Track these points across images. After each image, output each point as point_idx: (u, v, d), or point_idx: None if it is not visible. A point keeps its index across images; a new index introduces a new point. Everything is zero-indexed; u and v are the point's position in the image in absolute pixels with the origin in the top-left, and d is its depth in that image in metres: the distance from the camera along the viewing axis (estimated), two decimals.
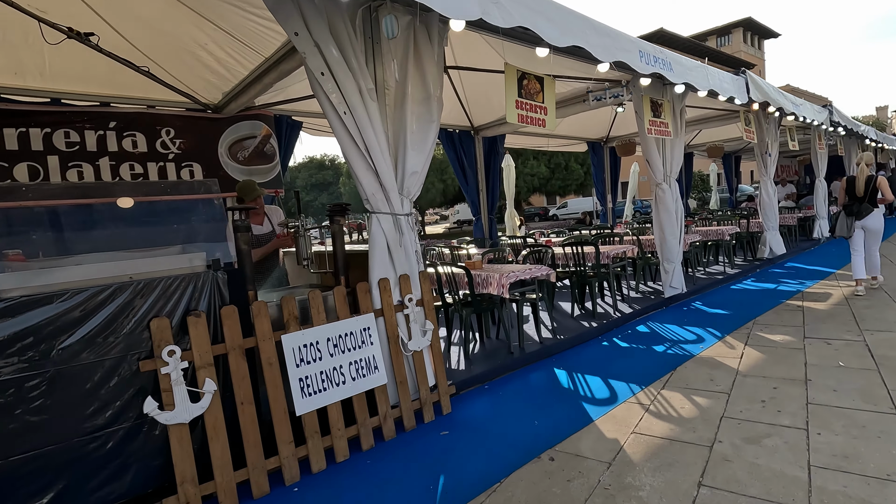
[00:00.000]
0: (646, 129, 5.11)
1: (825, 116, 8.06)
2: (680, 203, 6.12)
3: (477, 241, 8.51)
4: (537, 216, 39.48)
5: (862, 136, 11.66)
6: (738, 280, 7.59)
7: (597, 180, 11.22)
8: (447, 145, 8.13)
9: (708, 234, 7.91)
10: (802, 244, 10.72)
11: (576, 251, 5.45)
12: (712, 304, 6.04)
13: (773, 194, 8.75)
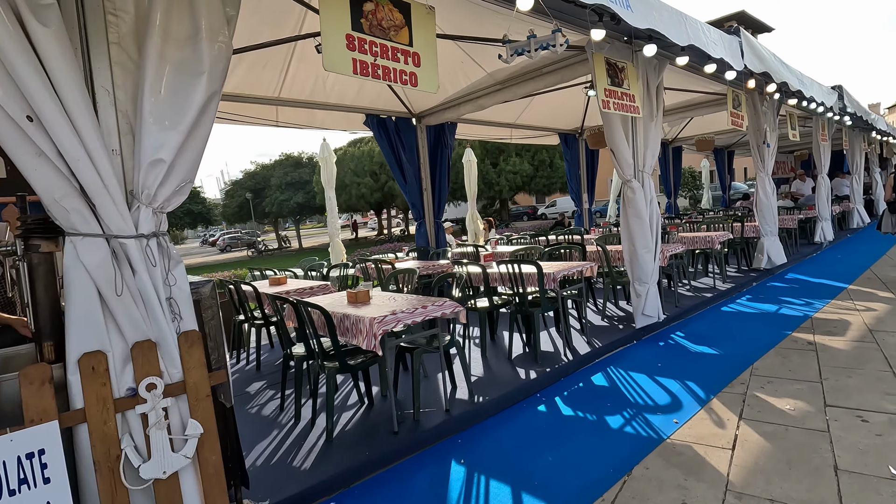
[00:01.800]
0: (600, 102, 3.70)
1: (834, 100, 6.74)
2: (655, 206, 4.74)
3: (420, 251, 7.11)
4: (525, 215, 38.16)
5: (871, 126, 10.32)
6: (730, 298, 6.22)
7: (570, 177, 9.84)
8: (380, 135, 6.71)
9: (695, 241, 6.53)
10: (804, 249, 9.38)
11: (513, 272, 4.05)
12: (697, 338, 4.66)
13: (770, 194, 7.39)
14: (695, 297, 6.11)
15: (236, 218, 33.69)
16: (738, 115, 5.35)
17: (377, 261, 5.76)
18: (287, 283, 4.97)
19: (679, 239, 6.65)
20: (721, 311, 5.66)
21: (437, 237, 7.23)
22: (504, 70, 5.68)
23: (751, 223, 7.78)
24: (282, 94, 5.65)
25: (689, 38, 3.39)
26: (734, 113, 5.25)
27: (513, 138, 8.95)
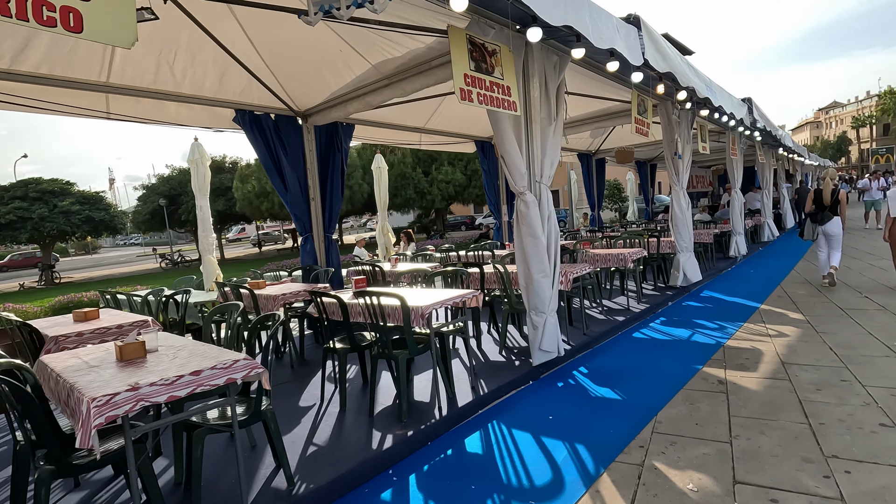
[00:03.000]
0: (457, 91, 2.91)
1: (744, 112, 6.54)
2: (554, 223, 4.08)
3: (305, 271, 6.12)
4: (463, 225, 37.83)
5: (779, 141, 10.53)
6: (643, 322, 5.73)
7: (489, 188, 9.22)
8: (254, 135, 5.69)
9: (607, 259, 6.02)
10: (720, 264, 9.29)
11: (371, 307, 3.20)
12: (600, 376, 4.02)
13: (686, 208, 7.08)
14: (606, 320, 5.56)
15: (149, 226, 30.77)
16: (644, 123, 4.88)
17: (236, 286, 4.73)
18: (98, 317, 3.84)
19: (592, 257, 6.12)
20: (632, 337, 5.12)
21: (329, 254, 6.28)
22: (391, 62, 4.88)
23: (667, 239, 7.45)
24: (111, 78, 4.52)
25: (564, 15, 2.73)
26: (639, 120, 4.77)
27: (423, 144, 8.20)
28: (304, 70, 5.27)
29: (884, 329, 4.67)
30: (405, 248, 10.41)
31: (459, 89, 2.92)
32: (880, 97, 60.45)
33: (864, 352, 4.09)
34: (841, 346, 4.29)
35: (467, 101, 2.96)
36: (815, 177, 26.42)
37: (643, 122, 4.84)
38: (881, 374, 3.58)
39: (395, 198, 23.60)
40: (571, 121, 8.31)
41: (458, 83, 2.91)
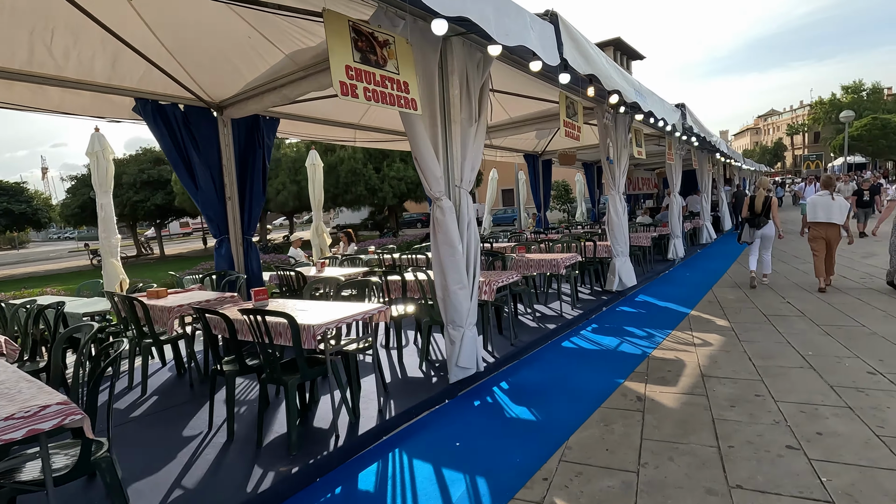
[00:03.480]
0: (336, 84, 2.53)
1: (677, 118, 6.57)
2: (474, 231, 3.84)
3: (220, 276, 5.62)
4: (419, 223, 37.57)
5: (714, 147, 10.81)
6: (574, 329, 5.61)
7: None
8: (158, 127, 5.15)
9: (540, 265, 5.86)
10: (657, 267, 9.42)
11: (257, 323, 2.84)
12: (520, 393, 3.82)
13: (622, 213, 7.06)
14: (537, 329, 5.40)
15: (79, 220, 28.56)
16: (574, 126, 4.73)
17: (127, 298, 4.21)
18: None
19: (526, 262, 5.96)
20: (561, 347, 4.98)
21: (248, 258, 5.81)
22: (306, 52, 4.49)
23: (604, 243, 7.43)
24: None
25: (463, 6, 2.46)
26: (568, 123, 4.61)
27: (357, 141, 7.81)
28: (213, 58, 4.79)
29: (801, 337, 4.73)
30: (345, 248, 9.99)
31: (340, 83, 2.58)
32: (812, 107, 64.61)
33: (780, 362, 4.09)
34: (760, 356, 4.29)
35: (350, 96, 2.63)
36: (752, 181, 27.80)
37: (573, 125, 4.68)
38: (793, 387, 3.55)
39: (346, 194, 22.96)
40: (514, 122, 8.16)
41: (337, 75, 2.57)
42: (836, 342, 4.53)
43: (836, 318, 5.34)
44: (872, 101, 55.47)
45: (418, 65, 3.44)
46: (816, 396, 3.36)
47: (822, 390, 3.46)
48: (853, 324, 5.07)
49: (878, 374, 3.70)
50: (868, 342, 4.46)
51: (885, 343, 4.40)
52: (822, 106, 59.24)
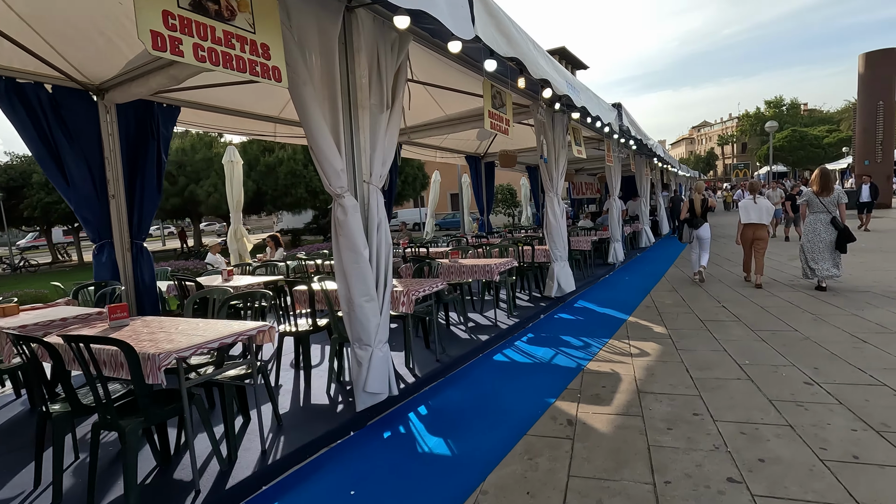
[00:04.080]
0: (146, 36, 1.87)
1: (614, 117, 6.38)
2: (385, 233, 3.32)
3: (98, 287, 4.79)
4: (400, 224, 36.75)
5: (652, 151, 10.89)
6: (509, 340, 5.21)
7: None
8: (15, 111, 4.28)
9: (474, 271, 5.43)
10: (598, 271, 9.27)
11: (80, 352, 2.18)
12: (438, 420, 3.33)
13: (560, 216, 6.78)
14: (469, 340, 4.95)
15: None
16: (501, 119, 4.33)
17: None
18: None
19: (459, 269, 5.51)
20: (492, 361, 4.55)
21: (138, 266, 5.00)
22: None
23: (542, 247, 7.12)
24: None
25: None
26: (495, 114, 4.20)
27: (277, 136, 7.10)
28: (80, 30, 4.01)
29: (737, 344, 4.55)
30: (272, 254, 9.19)
31: (151, 33, 1.95)
32: (739, 119, 69.18)
33: (718, 373, 3.84)
34: (697, 366, 4.03)
35: (170, 52, 2.02)
36: (687, 187, 29.04)
37: (500, 117, 4.27)
38: (732, 403, 3.27)
39: (286, 197, 21.85)
40: (451, 119, 7.74)
41: (147, 22, 1.91)
42: (772, 349, 4.36)
43: (770, 322, 5.24)
44: (791, 115, 60.05)
45: (312, 37, 2.89)
46: (756, 413, 3.09)
47: (761, 406, 3.20)
48: (786, 328, 4.97)
49: (814, 384, 3.50)
50: (802, 348, 4.32)
51: (818, 349, 4.27)
52: (749, 118, 63.53)
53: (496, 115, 4.22)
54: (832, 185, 6.41)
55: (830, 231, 6.39)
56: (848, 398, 3.22)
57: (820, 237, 6.46)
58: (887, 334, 4.58)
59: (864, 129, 21.58)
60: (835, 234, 6.36)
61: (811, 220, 6.57)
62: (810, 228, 6.56)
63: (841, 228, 6.30)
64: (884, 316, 5.20)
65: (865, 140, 21.56)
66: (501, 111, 4.31)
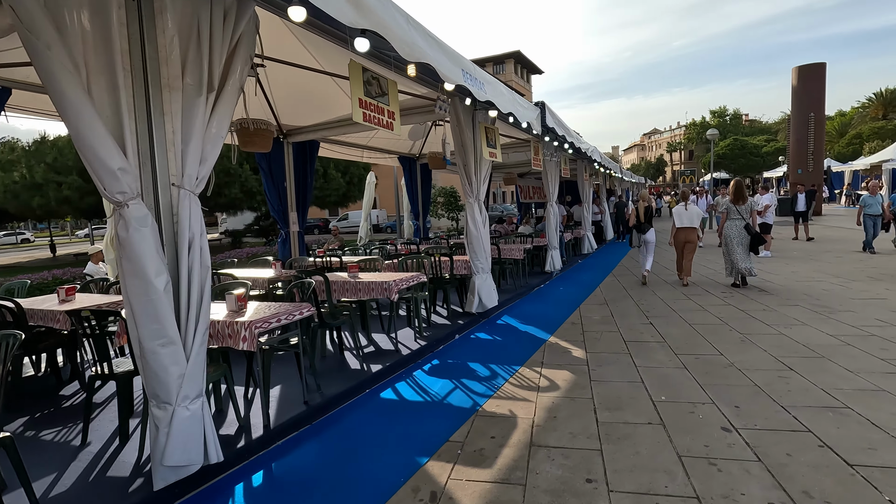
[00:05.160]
0: None
1: (535, 116, 5.82)
2: (197, 251, 2.53)
3: None
4: (316, 228, 35.40)
5: (588, 156, 10.51)
6: (409, 369, 4.52)
7: (270, 191, 7.45)
8: None
9: (370, 289, 4.69)
10: (532, 281, 8.75)
11: None
12: (271, 499, 2.57)
13: (481, 223, 6.16)
14: (358, 372, 4.21)
15: None
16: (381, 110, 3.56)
17: None
18: None
19: (354, 286, 4.76)
20: (378, 399, 3.83)
21: None
22: None
23: (461, 258, 6.48)
24: None
25: None
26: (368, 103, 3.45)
27: None
28: None
29: (657, 373, 4.03)
30: None
31: None
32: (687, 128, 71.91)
33: (628, 414, 3.28)
34: (607, 404, 3.46)
35: None
36: (635, 193, 29.49)
37: (381, 108, 3.53)
38: (636, 461, 2.69)
39: (219, 197, 20.37)
40: None
41: None
42: (693, 379, 3.87)
43: (696, 344, 4.79)
44: (734, 124, 62.94)
45: None
46: (660, 478, 2.51)
47: (668, 465, 2.63)
48: (711, 352, 4.52)
49: (732, 430, 2.98)
50: (725, 378, 3.85)
51: (741, 379, 3.81)
52: (695, 127, 66.12)
53: (373, 105, 3.49)
54: (746, 195, 7.29)
55: (745, 235, 7.24)
56: (768, 451, 2.71)
57: (737, 241, 7.29)
58: (813, 359, 4.19)
59: (797, 139, 22.43)
60: (748, 238, 7.21)
61: (729, 226, 7.41)
62: (728, 233, 7.39)
63: (753, 233, 7.19)
64: (810, 336, 4.85)
65: (798, 150, 22.40)
66: (382, 101, 3.59)
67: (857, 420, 3.04)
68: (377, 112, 3.56)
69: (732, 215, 7.36)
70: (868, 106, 43.51)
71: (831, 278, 7.89)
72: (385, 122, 3.63)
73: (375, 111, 3.54)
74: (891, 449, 2.67)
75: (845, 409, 3.19)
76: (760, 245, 7.20)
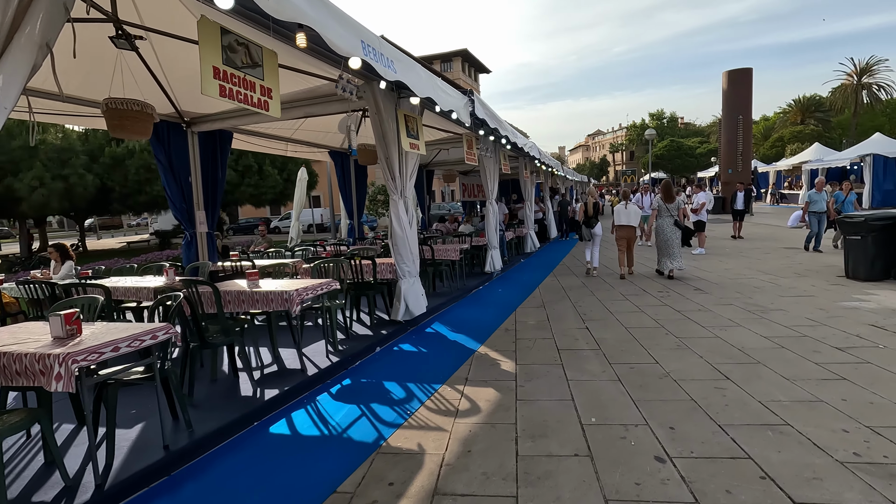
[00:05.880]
0: None
1: (462, 104, 5.32)
2: None
3: None
4: (256, 228, 33.59)
5: (527, 153, 10.21)
6: (313, 393, 3.90)
7: (169, 186, 6.55)
8: None
9: (269, 300, 4.02)
10: (471, 283, 8.30)
11: None
12: None
13: (406, 223, 5.61)
14: (248, 400, 3.54)
15: None
16: (246, 84, 2.91)
17: None
18: None
19: (250, 297, 4.07)
20: (267, 434, 3.19)
21: None
22: None
23: (386, 261, 5.91)
24: None
25: None
26: (225, 73, 2.75)
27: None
28: None
29: (589, 388, 3.64)
30: (56, 269, 7.02)
31: None
32: (627, 129, 74.70)
33: (553, 445, 2.83)
34: (531, 431, 3.00)
35: None
36: (579, 191, 29.97)
37: (247, 82, 2.83)
38: None
39: (139, 195, 18.71)
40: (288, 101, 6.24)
41: None
42: (627, 394, 3.50)
43: (631, 351, 4.47)
44: (670, 127, 65.95)
45: None
46: None
47: None
48: (647, 360, 4.20)
49: (667, 460, 2.60)
50: (660, 392, 3.50)
51: (677, 392, 3.48)
52: (635, 129, 68.74)
53: (237, 78, 2.81)
54: (674, 195, 7.95)
55: (676, 231, 7.83)
56: (706, 489, 2.33)
57: (668, 236, 7.87)
58: (749, 365, 3.95)
59: (728, 140, 23.47)
60: (679, 232, 7.84)
61: (660, 224, 7.97)
62: (661, 230, 7.95)
63: (682, 228, 7.87)
64: (745, 338, 4.66)
65: (728, 151, 23.45)
66: (252, 74, 2.93)
67: (798, 440, 2.74)
68: (243, 86, 2.90)
69: (663, 213, 7.97)
70: (788, 111, 46.71)
71: (762, 275, 7.96)
72: (256, 100, 2.97)
73: (241, 85, 2.88)
74: (836, 477, 2.36)
75: (785, 427, 2.89)
76: (691, 237, 7.98)
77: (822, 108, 43.92)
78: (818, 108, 44.00)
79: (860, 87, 41.38)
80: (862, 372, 3.70)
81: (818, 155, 26.61)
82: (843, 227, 7.59)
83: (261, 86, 3.02)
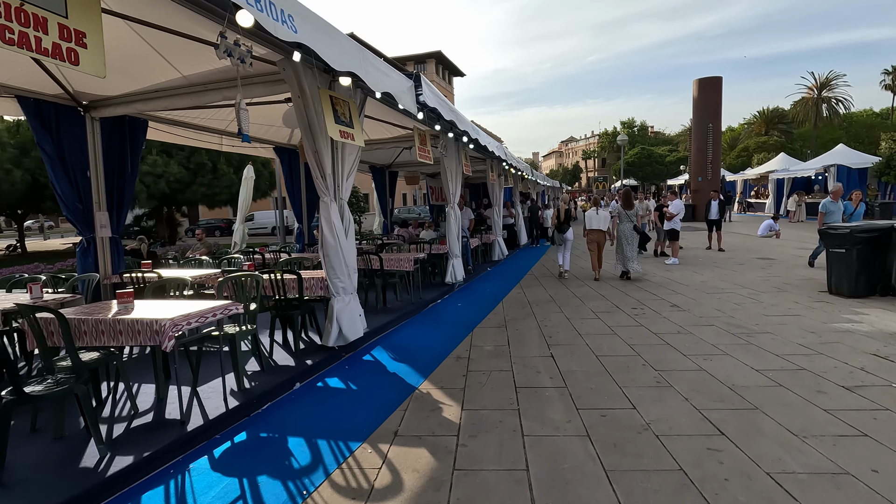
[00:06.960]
0: None
1: (406, 88, 4.42)
2: None
3: None
4: (217, 230, 31.86)
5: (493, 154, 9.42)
6: (196, 449, 2.94)
7: (58, 183, 5.44)
8: None
9: (134, 331, 3.04)
10: (429, 294, 7.42)
11: None
12: None
13: (340, 231, 4.69)
14: (89, 475, 2.56)
15: None
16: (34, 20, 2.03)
17: None
18: None
19: (111, 328, 3.09)
20: None
21: None
22: None
23: (316, 275, 4.97)
24: None
25: None
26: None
27: None
28: None
29: (546, 451, 2.80)
30: None
31: None
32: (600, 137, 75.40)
33: None
34: None
35: None
36: (551, 197, 29.53)
37: (31, 16, 1.94)
38: None
39: None
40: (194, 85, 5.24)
41: None
42: (597, 460, 2.68)
43: (603, 390, 3.67)
44: (641, 135, 66.80)
45: None
46: None
47: None
48: (622, 404, 3.40)
49: None
50: (639, 457, 2.70)
51: (660, 458, 2.68)
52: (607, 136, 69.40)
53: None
54: (633, 202, 8.55)
55: (634, 236, 8.40)
56: None
57: (628, 241, 8.39)
58: (745, 412, 3.20)
59: (698, 148, 23.35)
60: (637, 237, 8.45)
61: (621, 228, 8.45)
62: (621, 235, 8.45)
63: (641, 233, 8.65)
64: (734, 372, 3.93)
65: (698, 159, 23.32)
66: (40, 5, 1.98)
67: None
68: (20, 22, 1.92)
69: (623, 219, 8.48)
70: (753, 122, 47.75)
71: (739, 289, 7.37)
72: (49, 45, 2.00)
73: (15, 19, 1.91)
74: None
75: None
76: (647, 242, 8.98)
77: (785, 119, 45.05)
78: (781, 120, 45.11)
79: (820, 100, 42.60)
80: (884, 423, 2.99)
81: (784, 164, 26.92)
82: (826, 240, 7.04)
83: (61, 25, 2.07)
